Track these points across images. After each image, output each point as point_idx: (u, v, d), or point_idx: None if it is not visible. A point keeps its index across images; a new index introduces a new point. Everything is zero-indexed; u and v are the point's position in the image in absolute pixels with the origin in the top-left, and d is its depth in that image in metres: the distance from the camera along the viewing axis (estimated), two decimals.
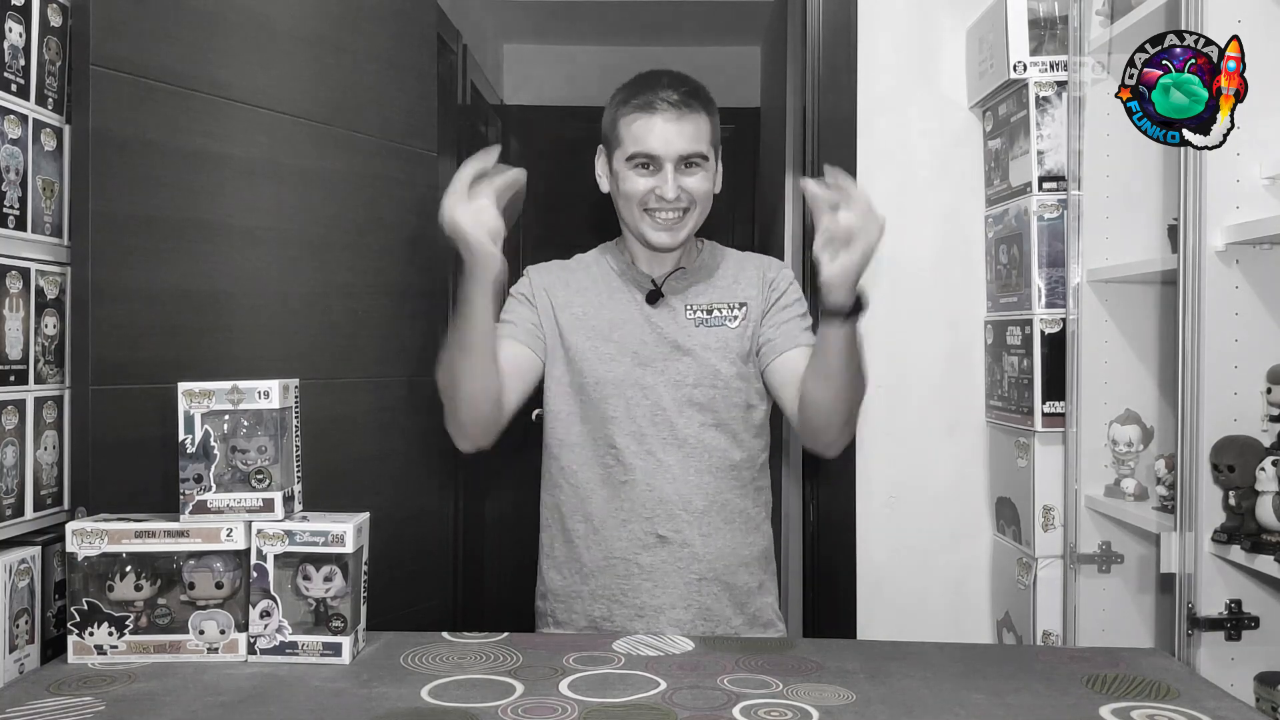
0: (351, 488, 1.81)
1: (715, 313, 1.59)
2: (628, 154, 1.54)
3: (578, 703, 1.20)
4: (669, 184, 1.52)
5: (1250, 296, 1.46)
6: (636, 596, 1.56)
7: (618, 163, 1.56)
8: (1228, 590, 1.45)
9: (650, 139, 1.52)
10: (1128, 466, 1.80)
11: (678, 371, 1.57)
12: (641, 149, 1.52)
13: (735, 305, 1.60)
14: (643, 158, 1.53)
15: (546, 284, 1.63)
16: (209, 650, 1.35)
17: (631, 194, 1.55)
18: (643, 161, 1.53)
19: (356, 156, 1.86)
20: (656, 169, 1.53)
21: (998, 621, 2.15)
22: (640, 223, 1.56)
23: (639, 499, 1.56)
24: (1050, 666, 1.36)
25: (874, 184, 2.20)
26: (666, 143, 1.52)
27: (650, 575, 1.56)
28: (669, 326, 1.59)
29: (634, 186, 1.54)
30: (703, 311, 1.59)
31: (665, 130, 1.52)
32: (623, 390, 1.56)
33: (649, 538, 1.56)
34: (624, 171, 1.55)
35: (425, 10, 2.05)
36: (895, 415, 2.20)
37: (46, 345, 1.42)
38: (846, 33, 2.20)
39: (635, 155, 1.53)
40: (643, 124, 1.52)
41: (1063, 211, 1.90)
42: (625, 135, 1.54)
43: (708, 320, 1.59)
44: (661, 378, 1.57)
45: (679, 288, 1.61)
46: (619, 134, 1.56)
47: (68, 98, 1.46)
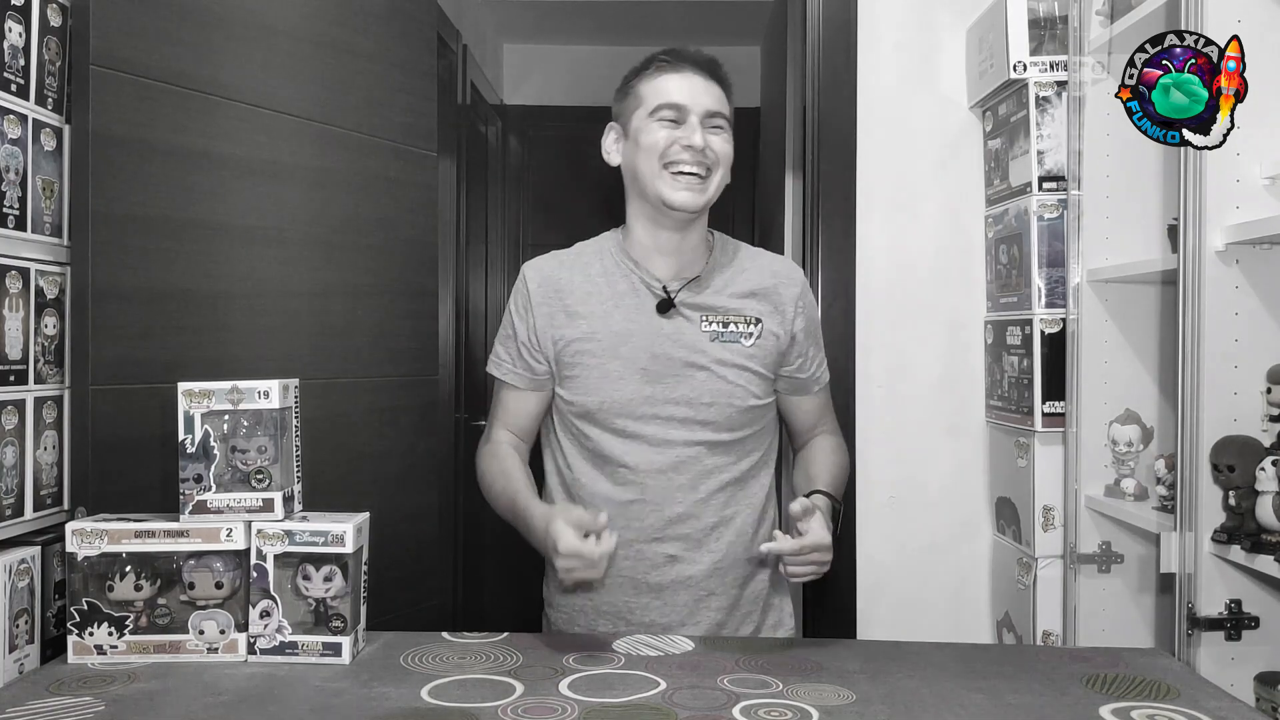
0: (351, 488, 1.81)
1: (731, 326, 1.54)
2: (651, 108, 1.50)
3: (578, 703, 1.20)
4: (696, 133, 1.47)
5: (1250, 296, 1.46)
6: (645, 614, 1.53)
7: (638, 120, 1.51)
8: (1228, 590, 1.45)
9: (677, 92, 1.49)
10: (1128, 466, 1.80)
11: (691, 389, 1.51)
12: (668, 100, 1.49)
13: (750, 321, 1.55)
14: (669, 109, 1.49)
15: (545, 295, 1.56)
16: (209, 650, 1.35)
17: (654, 146, 1.48)
18: (669, 116, 1.49)
19: (356, 156, 1.86)
20: (681, 122, 1.49)
21: (998, 621, 2.15)
22: (659, 181, 1.49)
23: (649, 518, 1.52)
24: (1050, 666, 1.36)
25: (874, 184, 2.21)
26: (693, 96, 1.49)
27: (660, 594, 1.53)
28: (682, 340, 1.52)
29: (656, 138, 1.48)
30: (719, 324, 1.53)
31: (693, 85, 1.50)
32: (632, 409, 1.51)
33: (658, 557, 1.52)
34: (646, 125, 1.50)
35: (425, 10, 2.05)
36: (895, 415, 2.20)
37: (46, 345, 1.42)
38: (846, 33, 2.20)
39: (661, 107, 1.49)
40: (669, 79, 1.50)
41: (1063, 211, 1.89)
42: (648, 91, 1.51)
43: (722, 335, 1.53)
44: (673, 394, 1.51)
45: (689, 299, 1.54)
46: (639, 92, 1.52)
47: (68, 98, 1.46)
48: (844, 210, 2.20)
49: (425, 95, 2.02)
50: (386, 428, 1.93)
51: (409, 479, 1.99)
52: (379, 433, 1.91)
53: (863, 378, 2.20)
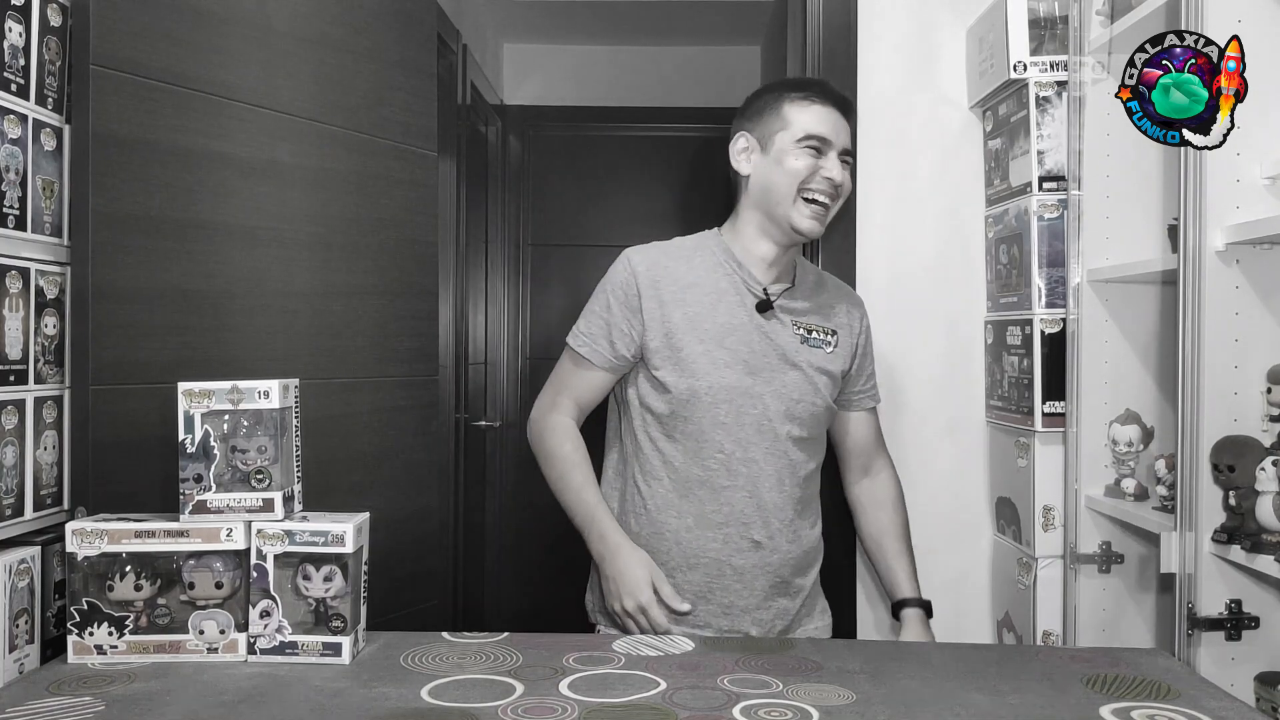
0: (351, 488, 1.81)
1: (815, 334, 1.69)
2: (798, 136, 1.61)
3: (578, 703, 1.20)
4: (836, 167, 1.61)
5: (1250, 296, 1.46)
6: (725, 595, 1.62)
7: (782, 143, 1.62)
8: (1228, 590, 1.45)
9: (823, 125, 1.61)
10: (1128, 466, 1.80)
11: (784, 384, 1.64)
12: (816, 131, 1.60)
13: (829, 332, 1.71)
14: (815, 140, 1.60)
15: (654, 277, 1.65)
16: (209, 650, 1.35)
17: (797, 172, 1.60)
18: (814, 144, 1.60)
19: (356, 156, 1.86)
20: (823, 153, 1.61)
21: (998, 621, 2.15)
22: (792, 207, 1.61)
23: (738, 503, 1.62)
24: (1050, 666, 1.36)
25: (874, 184, 2.21)
26: (836, 131, 1.62)
27: (741, 577, 1.62)
28: (778, 339, 1.65)
29: (800, 164, 1.60)
30: (805, 330, 1.68)
31: (836, 121, 1.63)
32: (733, 397, 1.61)
33: (743, 541, 1.62)
34: (792, 150, 1.61)
35: (425, 10, 2.04)
36: (895, 415, 2.20)
37: (46, 345, 1.42)
38: (846, 33, 2.20)
39: (809, 137, 1.60)
40: (819, 110, 1.62)
41: (1063, 211, 1.89)
42: (796, 118, 1.61)
43: (809, 339, 1.68)
44: (769, 388, 1.63)
45: (784, 304, 1.67)
46: (787, 117, 1.62)
47: (68, 98, 1.46)
48: (844, 210, 2.19)
49: (425, 95, 2.02)
50: (386, 428, 1.93)
51: (409, 479, 1.99)
52: (379, 433, 1.91)
53: None
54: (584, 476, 1.65)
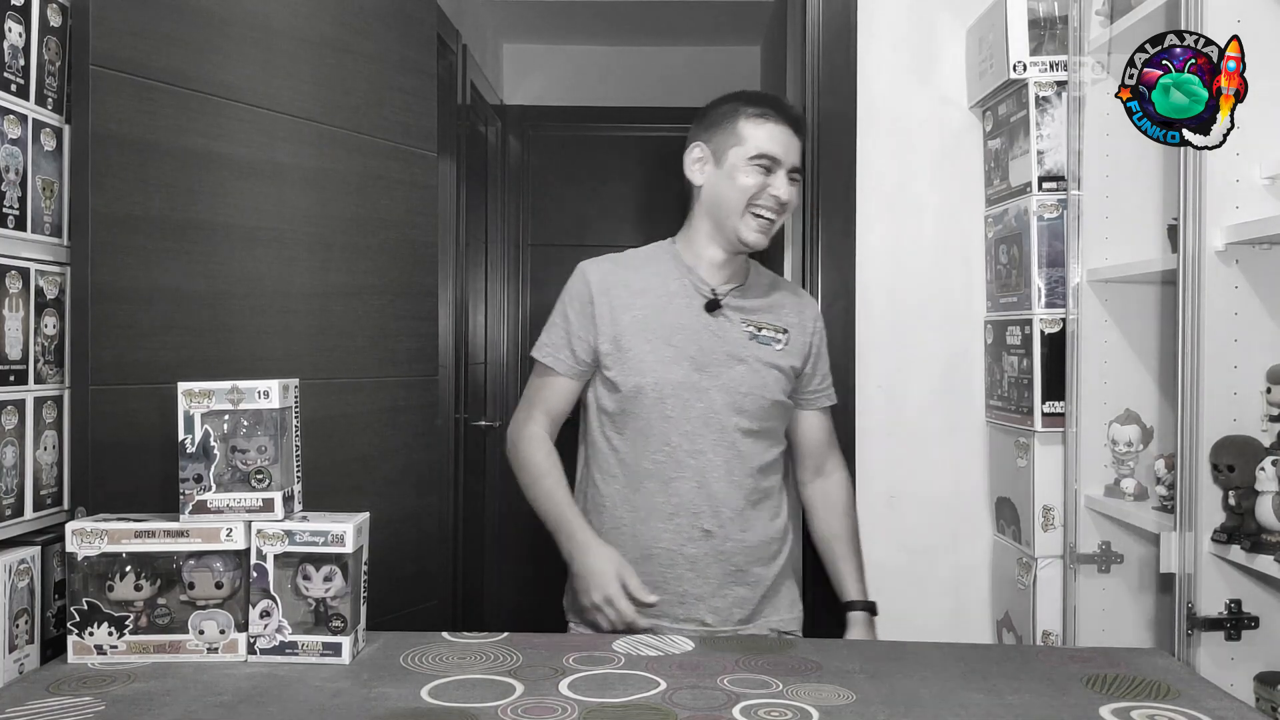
0: (351, 488, 1.81)
1: (765, 330, 1.73)
2: (750, 153, 1.66)
3: (578, 703, 1.20)
4: (784, 185, 1.67)
5: (1250, 296, 1.46)
6: (679, 584, 1.66)
7: (734, 159, 1.67)
8: (1228, 590, 1.45)
9: (775, 144, 1.66)
10: (1128, 466, 1.80)
11: (730, 378, 1.68)
12: (767, 150, 1.66)
13: (780, 329, 1.75)
14: (766, 159, 1.66)
15: (606, 286, 1.71)
16: (209, 650, 1.35)
17: (746, 189, 1.66)
18: (764, 163, 1.66)
19: (356, 156, 1.86)
20: (773, 171, 1.67)
21: (998, 621, 2.15)
22: (740, 220, 1.67)
23: (686, 494, 1.66)
24: (1050, 666, 1.36)
25: (874, 184, 2.21)
26: (787, 150, 1.68)
27: (694, 565, 1.66)
28: (726, 336, 1.70)
29: (750, 181, 1.66)
30: (755, 327, 1.73)
31: (788, 140, 1.68)
32: (680, 393, 1.66)
33: (694, 530, 1.66)
34: (743, 167, 1.66)
35: (425, 10, 2.04)
36: (895, 415, 2.20)
37: (46, 345, 1.42)
38: (846, 33, 2.20)
39: (760, 155, 1.66)
40: (773, 129, 1.67)
41: (1062, 211, 1.89)
42: (750, 135, 1.67)
43: (758, 336, 1.72)
44: (716, 382, 1.68)
45: (733, 302, 1.73)
46: (741, 133, 1.67)
47: (68, 98, 1.46)
48: (844, 210, 2.20)
49: (425, 95, 2.02)
50: (386, 428, 1.93)
51: (409, 479, 1.99)
52: (379, 433, 1.91)
53: (863, 378, 2.20)
54: (554, 481, 1.69)
